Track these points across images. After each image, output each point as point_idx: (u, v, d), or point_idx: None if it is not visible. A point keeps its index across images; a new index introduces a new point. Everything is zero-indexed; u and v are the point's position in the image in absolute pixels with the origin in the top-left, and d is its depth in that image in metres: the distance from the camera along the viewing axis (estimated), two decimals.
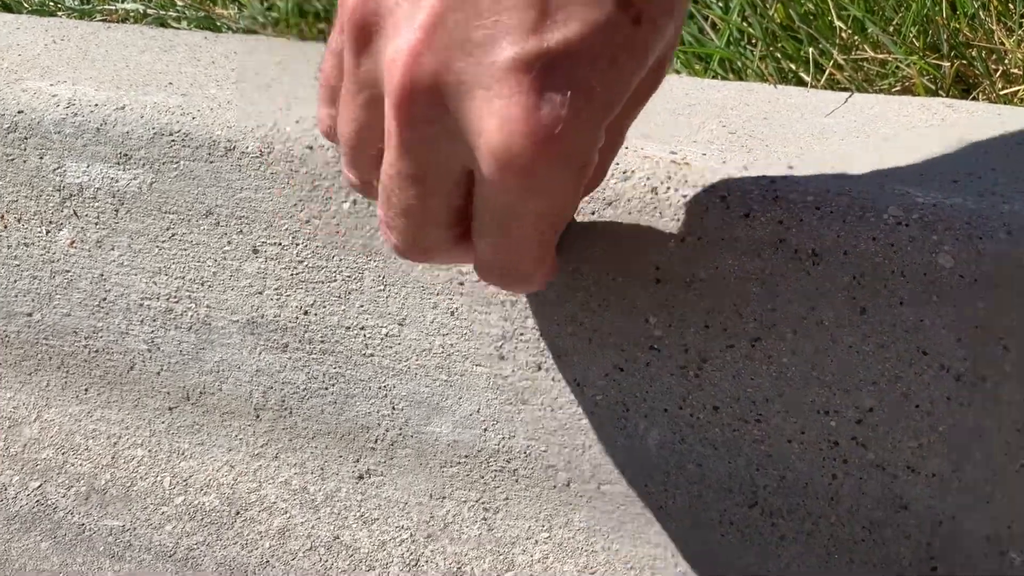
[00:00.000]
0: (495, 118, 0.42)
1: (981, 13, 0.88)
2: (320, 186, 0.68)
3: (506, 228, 0.48)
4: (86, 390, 0.79)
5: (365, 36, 0.46)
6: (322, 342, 0.71)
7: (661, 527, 0.66)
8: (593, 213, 0.61)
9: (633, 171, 0.61)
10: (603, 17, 0.42)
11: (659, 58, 0.47)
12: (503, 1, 0.42)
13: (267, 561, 0.74)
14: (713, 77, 0.93)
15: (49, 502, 0.78)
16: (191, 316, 0.74)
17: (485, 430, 0.68)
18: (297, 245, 0.70)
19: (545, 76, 0.42)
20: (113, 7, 1.10)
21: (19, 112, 0.76)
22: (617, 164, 0.62)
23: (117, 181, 0.73)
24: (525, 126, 0.42)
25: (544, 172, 0.44)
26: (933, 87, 0.86)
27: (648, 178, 0.61)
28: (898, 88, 0.87)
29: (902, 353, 0.58)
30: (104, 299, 0.76)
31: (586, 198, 0.62)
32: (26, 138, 0.75)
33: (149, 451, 0.77)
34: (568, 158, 0.44)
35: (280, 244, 0.70)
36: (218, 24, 1.06)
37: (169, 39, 0.90)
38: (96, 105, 0.74)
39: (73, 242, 0.76)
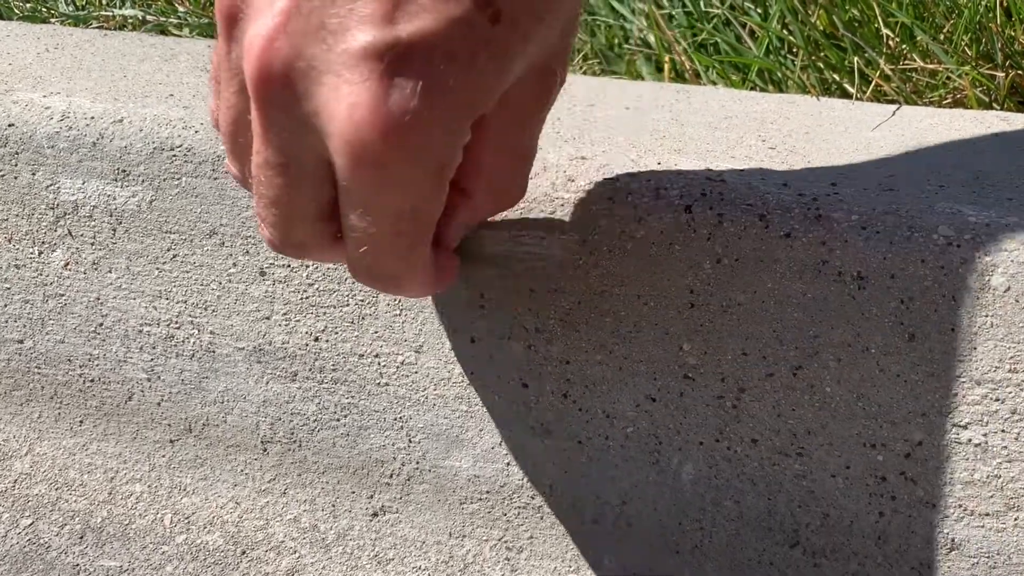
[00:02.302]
0: (344, 104, 0.45)
1: None
2: None
3: (364, 223, 0.49)
4: (81, 422, 0.79)
5: (231, 22, 0.48)
6: (334, 370, 0.72)
7: (697, 568, 0.66)
8: (623, 233, 0.62)
9: (666, 188, 0.62)
10: (458, 13, 0.44)
11: (538, 64, 0.49)
12: None
13: None
14: (751, 88, 0.94)
15: (41, 541, 0.79)
16: (194, 343, 0.75)
17: (508, 464, 0.69)
18: (307, 267, 0.71)
19: (397, 65, 0.44)
20: (110, 13, 1.11)
21: (10, 125, 0.76)
22: (649, 181, 0.62)
23: (115, 199, 0.74)
24: (373, 113, 0.44)
25: (395, 164, 0.46)
26: (987, 99, 0.87)
27: (681, 196, 0.61)
28: (949, 100, 0.88)
29: (953, 383, 0.58)
30: (101, 325, 0.77)
31: (618, 214, 0.62)
32: (17, 153, 0.76)
33: (148, 486, 0.78)
34: (420, 152, 0.46)
35: (289, 266, 0.71)
36: None
37: (170, 47, 0.91)
38: (92, 118, 0.75)
39: (68, 264, 0.77)
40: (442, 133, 0.46)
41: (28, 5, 1.15)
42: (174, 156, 0.72)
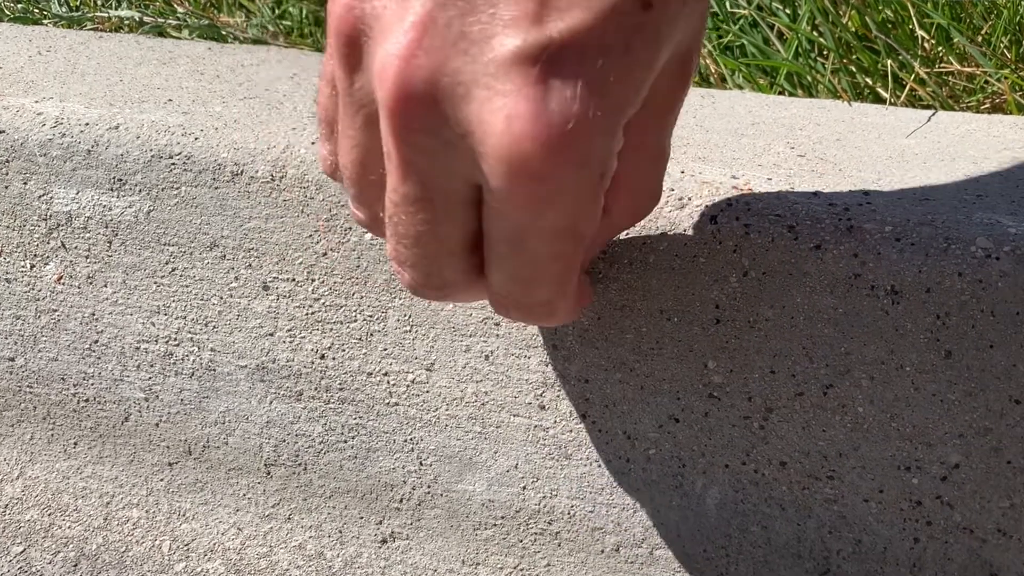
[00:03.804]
0: (498, 118, 0.43)
1: None
2: (338, 215, 0.69)
3: (519, 249, 0.48)
4: (75, 444, 0.80)
5: (355, 49, 0.47)
6: (340, 390, 0.72)
7: None
8: (645, 244, 0.62)
9: (690, 198, 0.62)
10: (611, 1, 0.43)
11: (681, 50, 0.48)
12: None
13: None
14: (780, 93, 0.94)
15: (34, 569, 0.79)
16: (193, 361, 0.75)
17: (524, 488, 0.69)
18: (313, 281, 0.71)
19: (552, 68, 0.43)
20: (105, 14, 1.12)
21: (0, 132, 0.77)
22: (672, 190, 0.62)
23: (110, 209, 0.75)
24: (533, 123, 0.43)
25: (557, 177, 0.44)
26: None
27: (707, 206, 0.62)
28: (987, 105, 0.88)
29: (992, 402, 0.58)
30: (96, 342, 0.77)
31: (638, 225, 0.62)
32: (8, 161, 0.76)
33: (146, 512, 0.78)
34: (583, 160, 0.44)
35: (294, 280, 0.71)
36: (223, 33, 1.08)
37: (168, 50, 0.91)
38: (87, 124, 0.75)
39: (61, 278, 0.77)
40: (604, 136, 0.45)
41: (19, 6, 1.15)
42: (173, 164, 0.72)
